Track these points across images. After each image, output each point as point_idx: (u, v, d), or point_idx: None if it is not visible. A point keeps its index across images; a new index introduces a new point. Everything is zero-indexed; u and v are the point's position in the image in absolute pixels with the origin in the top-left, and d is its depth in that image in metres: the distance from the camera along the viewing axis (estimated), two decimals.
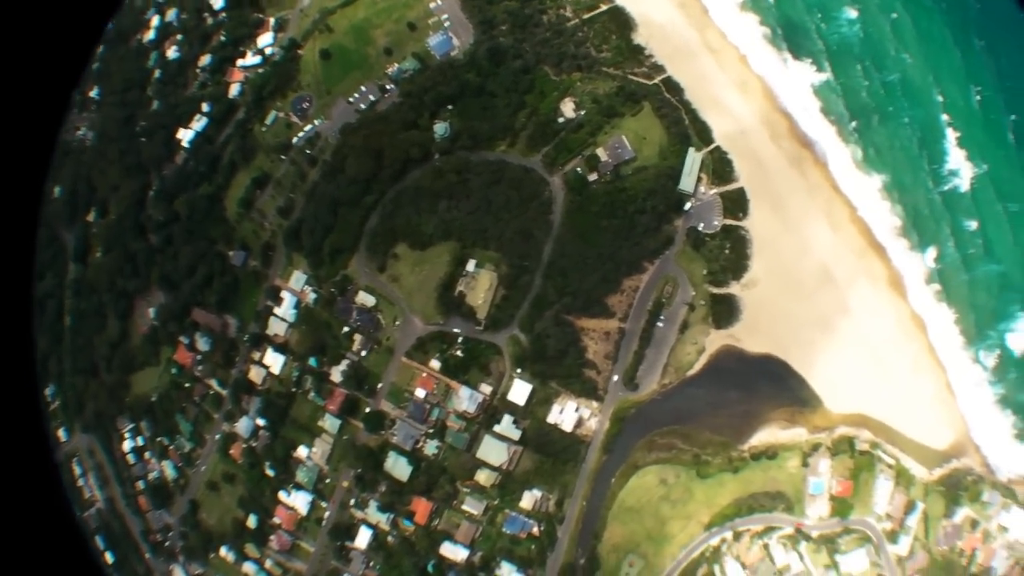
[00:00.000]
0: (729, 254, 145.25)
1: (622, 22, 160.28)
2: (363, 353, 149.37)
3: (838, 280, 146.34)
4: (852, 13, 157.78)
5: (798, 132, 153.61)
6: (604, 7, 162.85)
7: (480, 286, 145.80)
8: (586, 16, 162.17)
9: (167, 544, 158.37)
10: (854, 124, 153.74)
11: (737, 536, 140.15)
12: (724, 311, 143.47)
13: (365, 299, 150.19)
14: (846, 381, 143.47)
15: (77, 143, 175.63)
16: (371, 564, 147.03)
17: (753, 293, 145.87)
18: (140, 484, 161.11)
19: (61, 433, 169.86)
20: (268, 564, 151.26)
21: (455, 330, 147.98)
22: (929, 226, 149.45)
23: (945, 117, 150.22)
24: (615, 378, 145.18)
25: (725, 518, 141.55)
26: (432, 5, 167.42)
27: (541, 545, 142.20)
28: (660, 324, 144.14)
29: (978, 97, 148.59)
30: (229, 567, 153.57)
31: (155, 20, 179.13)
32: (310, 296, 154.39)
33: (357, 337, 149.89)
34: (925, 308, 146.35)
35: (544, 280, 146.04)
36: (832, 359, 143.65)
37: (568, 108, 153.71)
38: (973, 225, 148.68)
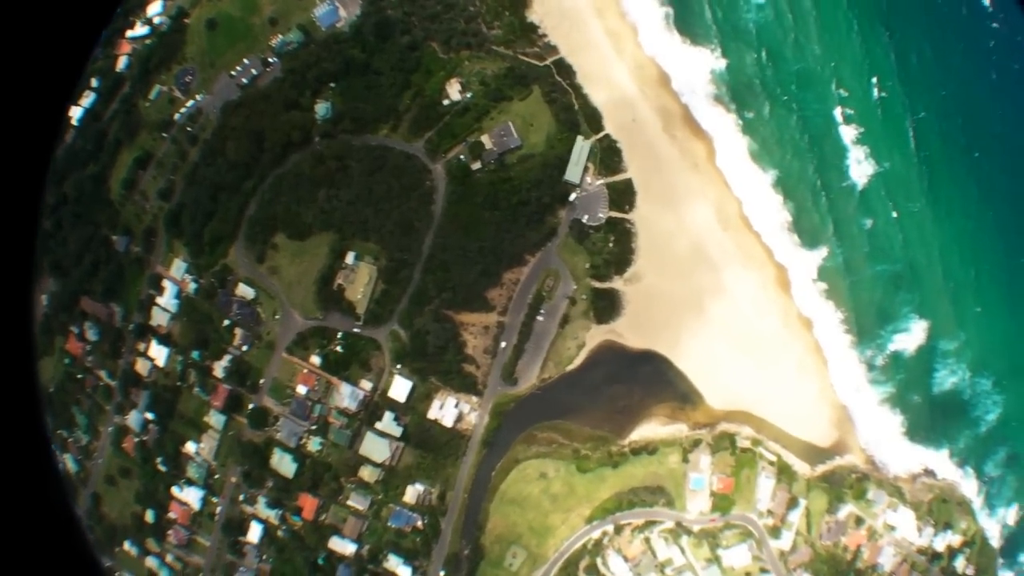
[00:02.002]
0: (613, 248, 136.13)
1: None
2: (244, 348, 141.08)
3: (724, 277, 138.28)
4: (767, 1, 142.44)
5: (692, 122, 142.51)
6: None
7: (359, 280, 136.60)
8: None
9: None
10: (749, 115, 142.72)
11: (619, 530, 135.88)
12: (606, 306, 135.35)
13: (245, 291, 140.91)
14: (728, 378, 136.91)
15: None
16: (264, 558, 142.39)
17: (636, 288, 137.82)
18: None
19: None
20: (169, 559, 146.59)
21: (335, 326, 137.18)
22: (821, 224, 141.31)
23: (845, 112, 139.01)
24: (494, 373, 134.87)
25: (606, 512, 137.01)
26: None
27: (426, 537, 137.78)
28: (540, 318, 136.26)
29: (881, 93, 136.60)
30: (133, 561, 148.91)
31: None
32: (191, 286, 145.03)
33: (238, 331, 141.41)
34: (812, 307, 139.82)
35: (424, 274, 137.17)
36: (715, 356, 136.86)
37: (454, 90, 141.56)
38: (868, 224, 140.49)
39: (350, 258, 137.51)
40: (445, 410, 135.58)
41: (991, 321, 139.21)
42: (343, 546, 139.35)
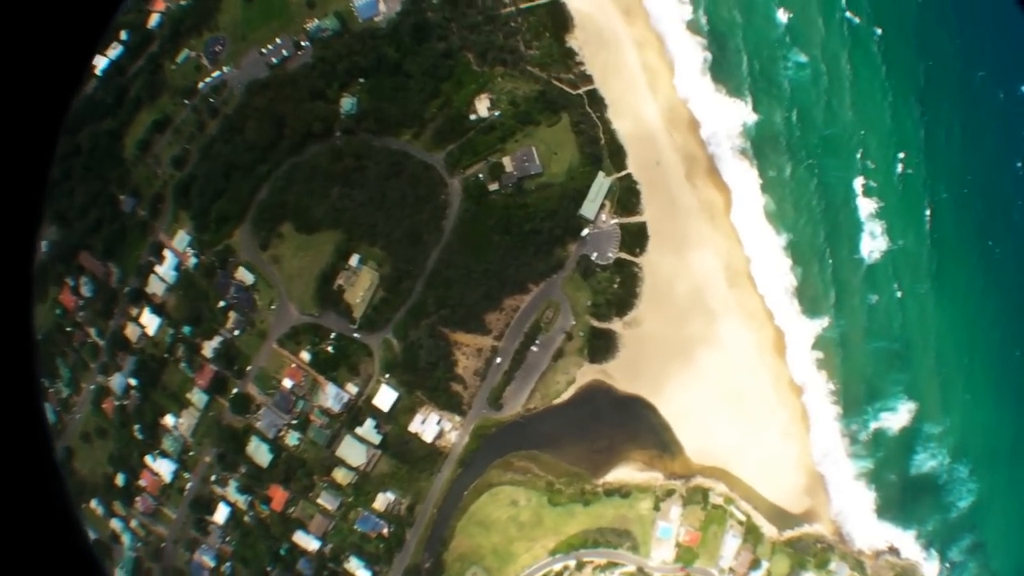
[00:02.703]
0: (617, 289, 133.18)
1: (559, 20, 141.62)
2: (236, 332, 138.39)
3: (722, 333, 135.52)
4: (802, 57, 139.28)
5: (715, 173, 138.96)
6: (543, 0, 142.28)
7: (360, 284, 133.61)
8: (523, 6, 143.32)
9: None
10: (771, 174, 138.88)
11: (580, 566, 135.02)
12: (601, 346, 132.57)
13: (245, 276, 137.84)
14: (711, 434, 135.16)
15: None
16: (228, 539, 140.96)
17: (633, 332, 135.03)
18: None
19: None
20: (133, 524, 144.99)
21: (329, 325, 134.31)
22: (825, 294, 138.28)
23: (866, 184, 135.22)
24: (481, 395, 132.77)
25: (570, 547, 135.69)
26: None
27: (390, 545, 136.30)
28: (535, 348, 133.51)
29: (906, 169, 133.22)
30: (98, 520, 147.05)
31: None
32: (191, 260, 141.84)
33: (232, 314, 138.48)
34: (804, 374, 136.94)
35: (426, 288, 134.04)
36: (701, 411, 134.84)
37: (483, 106, 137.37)
38: (874, 299, 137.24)
39: (354, 260, 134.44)
40: (427, 425, 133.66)
41: (977, 409, 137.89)
42: (307, 541, 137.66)
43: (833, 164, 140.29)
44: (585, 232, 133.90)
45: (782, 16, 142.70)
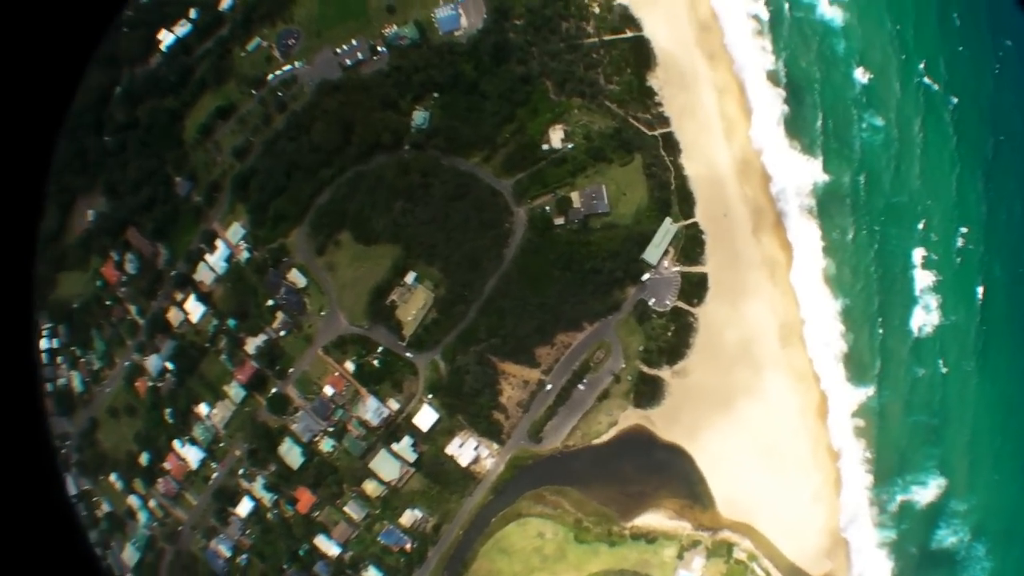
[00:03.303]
0: (671, 337, 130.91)
1: (642, 57, 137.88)
2: (282, 333, 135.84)
3: (768, 393, 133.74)
4: (878, 120, 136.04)
5: (780, 230, 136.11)
6: (629, 34, 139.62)
7: (414, 302, 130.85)
8: (607, 38, 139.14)
9: (63, 451, 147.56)
10: (835, 236, 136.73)
11: None
12: (647, 392, 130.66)
13: (297, 278, 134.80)
14: (744, 490, 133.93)
15: None
16: (247, 532, 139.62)
17: (681, 382, 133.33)
18: (48, 386, 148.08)
19: None
20: (152, 504, 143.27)
21: (378, 339, 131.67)
22: (871, 362, 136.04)
23: (925, 256, 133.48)
24: (521, 427, 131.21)
25: None
26: None
27: (411, 560, 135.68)
28: (581, 387, 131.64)
29: (967, 245, 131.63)
30: (116, 494, 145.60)
31: None
32: (244, 254, 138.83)
33: (280, 315, 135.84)
34: (843, 441, 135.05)
35: (479, 315, 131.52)
36: (737, 466, 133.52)
37: (557, 136, 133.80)
38: (920, 372, 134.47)
39: (410, 278, 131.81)
40: (464, 449, 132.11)
41: (1003, 491, 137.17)
42: (328, 546, 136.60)
43: (895, 232, 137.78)
44: (646, 277, 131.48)
45: (861, 75, 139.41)
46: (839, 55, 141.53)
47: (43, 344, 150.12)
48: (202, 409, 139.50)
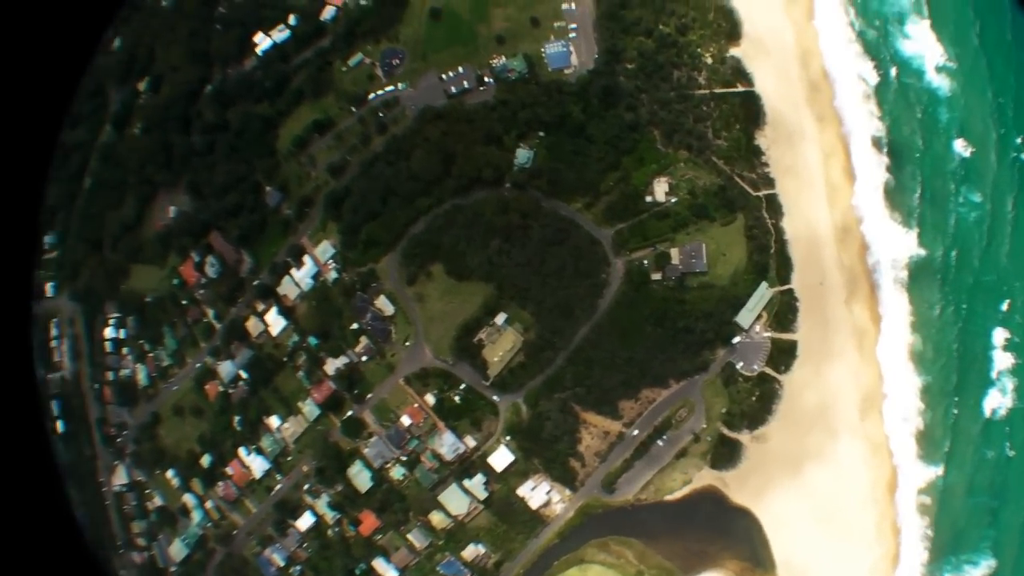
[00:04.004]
0: (754, 403, 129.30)
1: (751, 113, 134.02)
2: (364, 358, 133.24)
3: (842, 465, 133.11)
4: (975, 196, 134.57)
5: (873, 302, 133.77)
6: (740, 88, 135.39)
7: (502, 344, 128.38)
8: (718, 91, 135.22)
9: (119, 441, 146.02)
10: (923, 311, 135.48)
11: None
12: (725, 455, 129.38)
13: (384, 305, 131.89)
14: (805, 559, 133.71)
15: (152, 1, 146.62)
16: (305, 546, 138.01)
17: (759, 448, 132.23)
18: (110, 375, 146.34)
19: (49, 288, 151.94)
20: (208, 505, 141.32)
21: (461, 376, 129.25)
22: (943, 440, 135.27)
23: (1006, 337, 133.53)
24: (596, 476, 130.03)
25: None
26: (565, 7, 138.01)
27: None
28: (660, 443, 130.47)
29: None
30: (171, 490, 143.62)
31: None
32: (331, 273, 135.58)
33: (364, 340, 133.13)
34: (907, 517, 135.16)
35: (567, 363, 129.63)
36: (802, 535, 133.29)
37: (661, 189, 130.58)
38: (988, 454, 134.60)
39: (500, 319, 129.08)
40: (536, 492, 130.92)
41: None
42: (385, 569, 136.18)
43: (980, 311, 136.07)
44: (736, 340, 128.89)
45: (961, 147, 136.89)
46: (941, 124, 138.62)
47: (109, 333, 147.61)
48: (273, 421, 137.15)
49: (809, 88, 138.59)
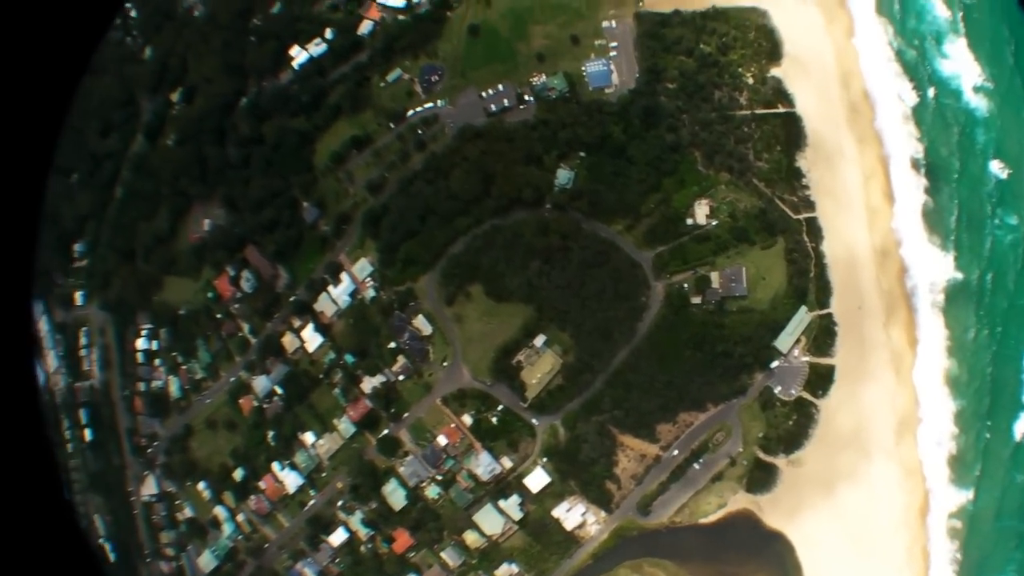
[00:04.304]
0: (791, 427, 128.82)
1: (792, 135, 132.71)
2: (401, 377, 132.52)
3: (875, 489, 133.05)
4: (1012, 218, 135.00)
5: (911, 327, 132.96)
6: (781, 110, 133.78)
7: (540, 366, 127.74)
8: (759, 111, 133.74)
9: (149, 451, 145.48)
10: (959, 335, 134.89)
11: None
12: (761, 478, 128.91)
13: (422, 324, 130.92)
14: None
15: (184, 11, 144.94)
16: (337, 561, 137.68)
17: (794, 472, 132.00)
18: (141, 385, 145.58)
19: (78, 296, 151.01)
20: (240, 518, 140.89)
21: (499, 397, 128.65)
22: (975, 465, 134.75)
23: None
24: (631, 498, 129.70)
25: None
26: (605, 24, 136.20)
27: None
28: (696, 466, 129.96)
29: None
30: (201, 502, 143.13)
31: None
32: (369, 291, 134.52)
33: (401, 359, 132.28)
34: (937, 541, 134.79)
35: (605, 386, 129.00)
36: (834, 560, 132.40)
37: (701, 212, 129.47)
38: (1019, 479, 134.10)
39: (539, 341, 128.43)
40: (571, 514, 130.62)
41: None
42: None
43: (1013, 334, 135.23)
44: (775, 364, 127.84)
45: (996, 168, 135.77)
46: (978, 145, 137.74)
47: (141, 344, 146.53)
48: (308, 437, 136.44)
49: (850, 109, 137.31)
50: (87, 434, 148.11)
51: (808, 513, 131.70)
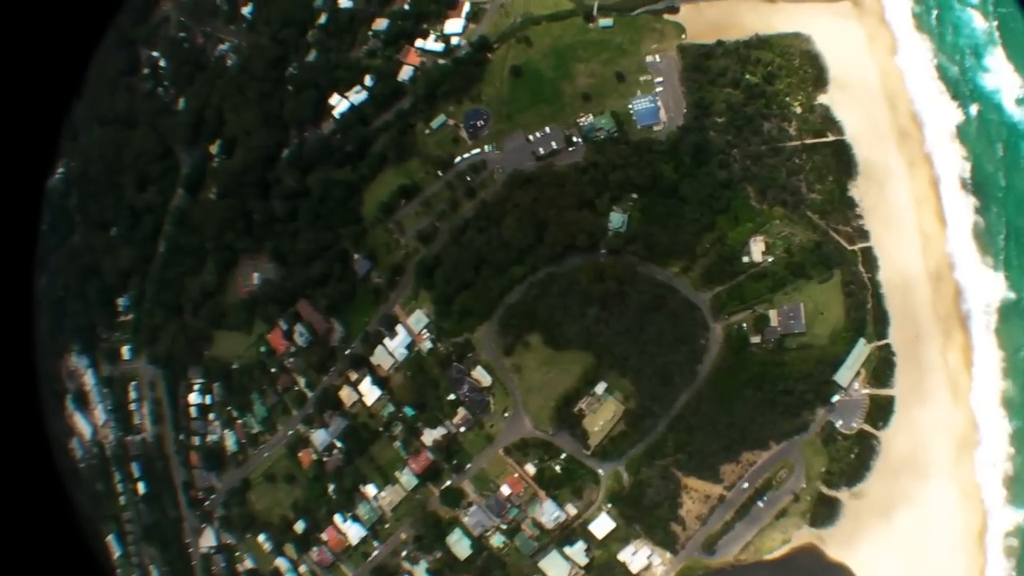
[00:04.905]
0: (853, 460, 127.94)
1: (843, 163, 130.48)
2: (462, 429, 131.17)
3: (934, 513, 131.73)
4: None
5: (968, 350, 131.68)
6: (831, 138, 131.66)
7: (602, 414, 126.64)
8: (808, 141, 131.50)
9: (207, 504, 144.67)
10: (1014, 354, 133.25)
11: None
12: (824, 513, 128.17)
13: (481, 376, 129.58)
14: None
15: (216, 61, 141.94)
16: None
17: (857, 504, 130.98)
18: (196, 439, 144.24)
19: (125, 351, 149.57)
20: (302, 569, 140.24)
21: (561, 445, 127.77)
22: None
23: None
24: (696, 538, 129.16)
25: None
26: (649, 59, 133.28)
27: None
28: (760, 504, 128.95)
29: None
30: (262, 554, 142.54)
31: None
32: (426, 343, 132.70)
33: (462, 411, 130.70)
34: (994, 562, 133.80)
35: (667, 430, 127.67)
36: None
37: (757, 249, 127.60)
38: None
39: (600, 388, 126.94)
40: (636, 556, 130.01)
41: None
42: None
43: None
44: (835, 399, 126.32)
45: None
46: (1022, 159, 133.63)
47: (194, 398, 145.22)
48: (369, 490, 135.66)
49: (899, 133, 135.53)
50: (140, 487, 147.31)
51: (869, 541, 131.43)
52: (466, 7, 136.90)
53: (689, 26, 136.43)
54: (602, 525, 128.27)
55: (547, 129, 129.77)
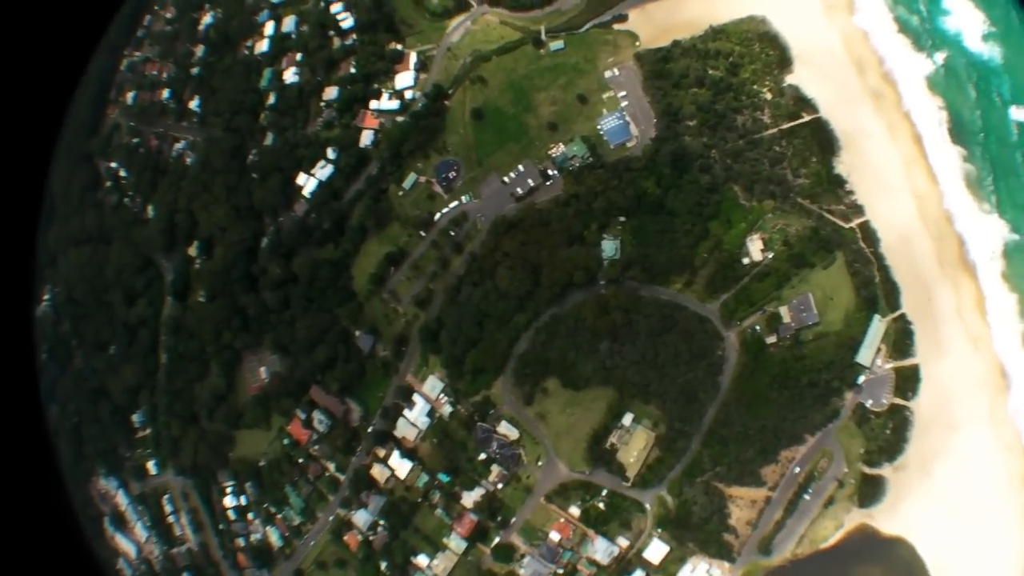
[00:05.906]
0: (889, 435, 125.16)
1: (824, 141, 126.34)
2: (500, 485, 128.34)
3: (978, 469, 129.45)
4: None
5: (982, 302, 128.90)
6: (806, 117, 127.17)
7: (635, 444, 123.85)
8: (785, 126, 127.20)
9: None
10: None
11: None
12: (871, 491, 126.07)
13: (508, 430, 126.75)
14: (961, 566, 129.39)
15: (175, 161, 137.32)
16: None
17: (901, 476, 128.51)
18: (240, 541, 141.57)
19: (151, 466, 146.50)
20: None
21: (601, 483, 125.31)
22: None
23: None
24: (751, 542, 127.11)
25: None
26: (608, 74, 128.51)
27: None
28: (806, 496, 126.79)
29: None
30: None
31: (269, 27, 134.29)
32: (445, 408, 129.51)
33: (495, 468, 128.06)
34: None
35: (702, 446, 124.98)
36: (953, 547, 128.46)
37: (755, 247, 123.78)
38: None
39: (627, 419, 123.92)
40: (696, 573, 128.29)
41: None
42: None
43: None
44: (861, 379, 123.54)
45: (1018, 114, 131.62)
46: (994, 96, 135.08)
47: (229, 501, 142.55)
48: (422, 560, 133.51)
49: (873, 96, 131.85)
50: None
51: (920, 508, 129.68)
52: (412, 58, 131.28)
53: (641, 32, 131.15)
54: (656, 550, 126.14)
55: (520, 167, 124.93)
